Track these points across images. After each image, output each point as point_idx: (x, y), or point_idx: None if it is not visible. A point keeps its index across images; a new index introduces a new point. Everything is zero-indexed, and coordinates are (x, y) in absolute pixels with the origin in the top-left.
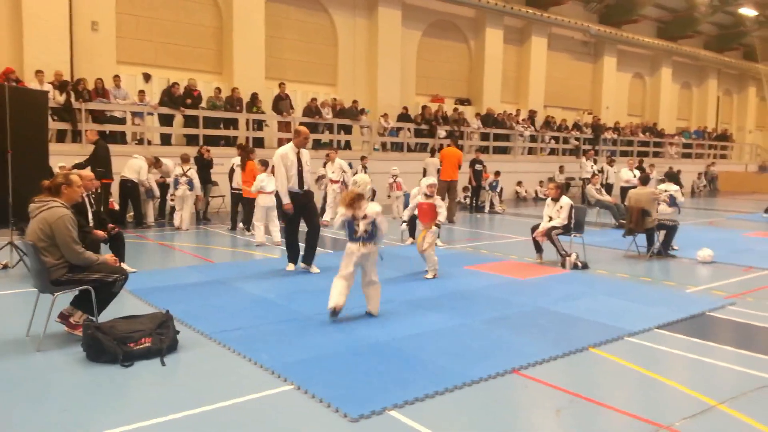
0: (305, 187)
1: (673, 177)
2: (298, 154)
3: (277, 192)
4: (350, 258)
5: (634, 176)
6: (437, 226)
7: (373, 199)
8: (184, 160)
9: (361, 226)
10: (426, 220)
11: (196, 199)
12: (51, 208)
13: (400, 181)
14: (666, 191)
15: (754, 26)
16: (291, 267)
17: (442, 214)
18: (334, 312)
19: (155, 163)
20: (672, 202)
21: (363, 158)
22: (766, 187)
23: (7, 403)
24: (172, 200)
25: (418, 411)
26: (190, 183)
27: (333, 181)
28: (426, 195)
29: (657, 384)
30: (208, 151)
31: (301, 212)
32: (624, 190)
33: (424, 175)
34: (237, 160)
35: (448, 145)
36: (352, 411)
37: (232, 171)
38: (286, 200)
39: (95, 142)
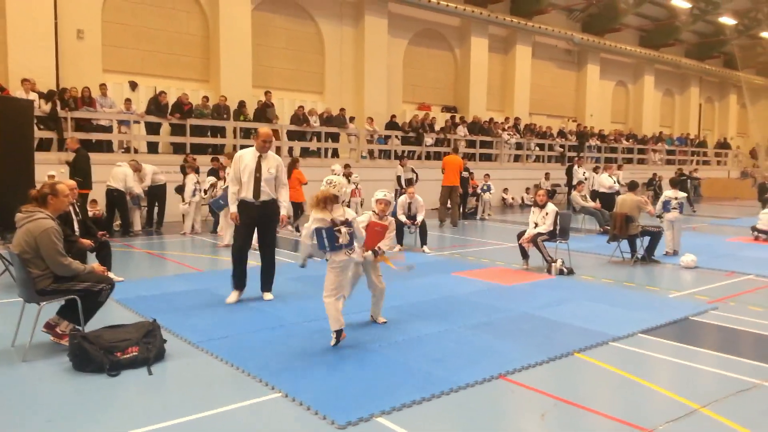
0: (263, 198)
1: (679, 183)
2: (259, 158)
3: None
4: (340, 272)
5: (615, 182)
6: (375, 253)
7: (361, 207)
8: (195, 169)
9: (343, 232)
10: (370, 245)
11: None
12: (36, 219)
13: (360, 188)
14: (676, 198)
15: (733, 35)
16: (234, 297)
17: (389, 241)
18: (339, 335)
19: (137, 168)
20: (681, 208)
21: (346, 166)
22: (748, 193)
23: None
24: (186, 204)
25: (406, 417)
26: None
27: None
28: (376, 213)
29: (640, 388)
30: (195, 159)
31: (254, 226)
32: (604, 196)
33: (399, 184)
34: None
35: (447, 154)
36: (340, 418)
37: None
38: (232, 208)
39: (76, 151)
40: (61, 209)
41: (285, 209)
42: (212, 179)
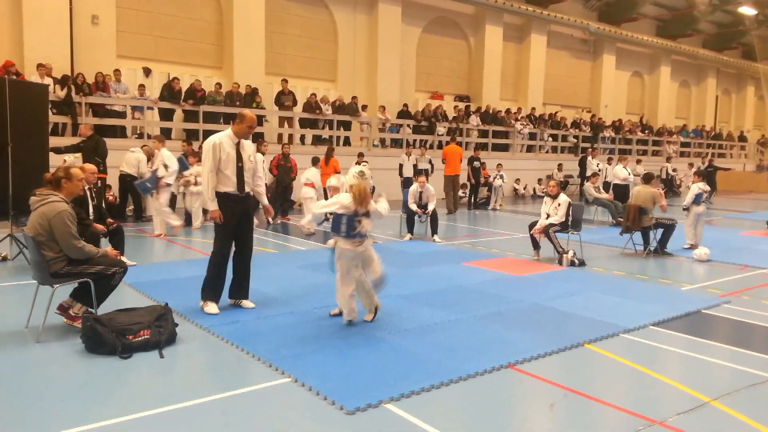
0: (247, 190)
1: (707, 175)
2: (237, 146)
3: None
4: (350, 261)
5: (629, 174)
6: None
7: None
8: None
9: (364, 224)
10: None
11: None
12: (50, 202)
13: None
14: (705, 191)
15: (753, 25)
16: (215, 309)
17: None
18: (351, 323)
19: (150, 153)
20: (699, 200)
21: (360, 155)
22: (763, 186)
23: (6, 395)
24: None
25: (414, 404)
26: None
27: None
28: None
29: (651, 380)
30: None
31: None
32: (617, 188)
33: (400, 173)
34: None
35: (447, 143)
36: (349, 404)
37: None
38: (212, 206)
39: (90, 137)
40: (75, 193)
41: (265, 199)
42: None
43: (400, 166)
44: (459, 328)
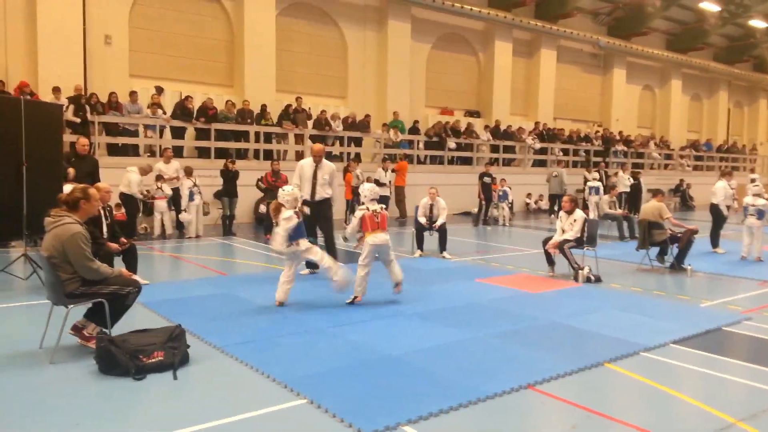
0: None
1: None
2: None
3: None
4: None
5: (628, 179)
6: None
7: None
8: (189, 173)
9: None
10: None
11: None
12: (64, 224)
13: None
14: (754, 205)
15: (764, 38)
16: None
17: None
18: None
19: (146, 171)
20: (760, 215)
21: (351, 161)
22: None
23: (20, 415)
24: (185, 210)
25: (432, 426)
26: (200, 193)
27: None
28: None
29: (674, 400)
30: (234, 162)
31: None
32: (628, 195)
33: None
34: None
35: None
36: (365, 426)
37: None
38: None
39: (89, 158)
40: (92, 213)
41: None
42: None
43: (376, 180)
44: (476, 347)
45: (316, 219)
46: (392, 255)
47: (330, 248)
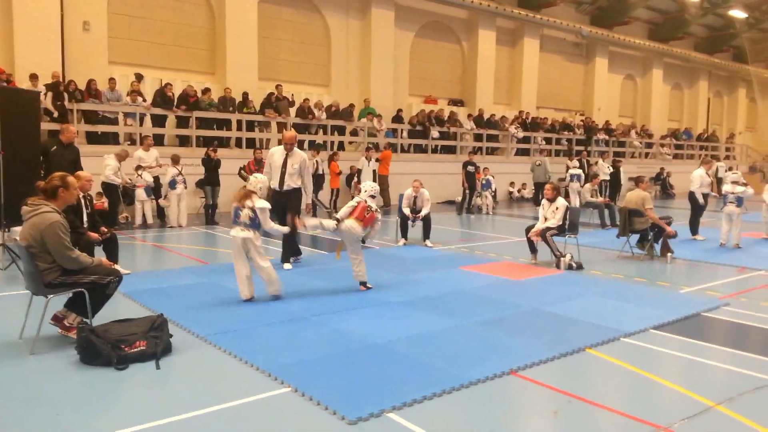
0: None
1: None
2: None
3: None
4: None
5: (608, 167)
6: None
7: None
8: (175, 161)
9: (241, 215)
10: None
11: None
12: (42, 213)
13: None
14: (733, 193)
15: (743, 28)
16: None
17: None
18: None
19: (122, 157)
20: (739, 202)
21: (316, 148)
22: (757, 187)
23: (0, 406)
24: (164, 199)
25: (416, 413)
26: (185, 182)
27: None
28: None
29: (654, 385)
30: (215, 151)
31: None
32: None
33: (357, 177)
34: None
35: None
36: (350, 413)
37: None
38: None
39: (72, 146)
40: (70, 202)
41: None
42: None
43: (358, 171)
44: (460, 334)
45: (286, 210)
46: (358, 251)
47: (292, 236)
